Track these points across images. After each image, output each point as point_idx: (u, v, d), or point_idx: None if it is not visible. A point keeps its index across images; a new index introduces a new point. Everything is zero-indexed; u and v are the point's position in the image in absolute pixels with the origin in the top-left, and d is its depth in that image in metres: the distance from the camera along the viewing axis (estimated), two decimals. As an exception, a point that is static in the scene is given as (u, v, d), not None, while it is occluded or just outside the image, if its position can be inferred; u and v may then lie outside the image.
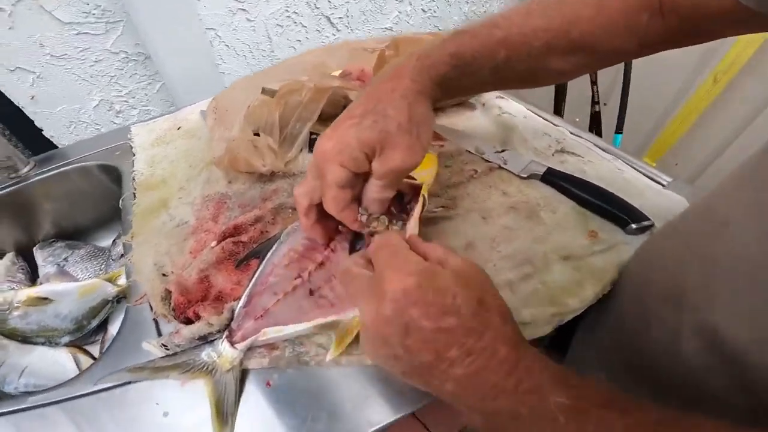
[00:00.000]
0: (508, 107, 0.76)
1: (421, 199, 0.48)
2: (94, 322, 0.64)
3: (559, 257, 0.53)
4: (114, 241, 0.78)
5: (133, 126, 0.84)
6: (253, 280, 0.48)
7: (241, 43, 1.03)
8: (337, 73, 0.74)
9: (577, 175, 0.62)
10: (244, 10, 0.98)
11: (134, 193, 0.67)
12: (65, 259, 0.77)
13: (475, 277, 0.33)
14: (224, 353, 0.43)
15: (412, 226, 0.45)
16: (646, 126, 1.21)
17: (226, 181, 0.64)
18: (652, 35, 0.43)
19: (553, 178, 0.62)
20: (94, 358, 0.64)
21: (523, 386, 0.28)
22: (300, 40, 1.05)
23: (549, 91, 1.10)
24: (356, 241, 0.49)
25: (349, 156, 0.37)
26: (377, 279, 0.32)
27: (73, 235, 0.85)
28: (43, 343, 0.63)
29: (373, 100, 0.40)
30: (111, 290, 0.65)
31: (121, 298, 0.66)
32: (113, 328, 0.66)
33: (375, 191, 0.40)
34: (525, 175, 0.63)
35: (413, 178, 0.52)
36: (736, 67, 0.97)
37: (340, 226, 0.51)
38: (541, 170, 0.63)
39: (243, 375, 0.44)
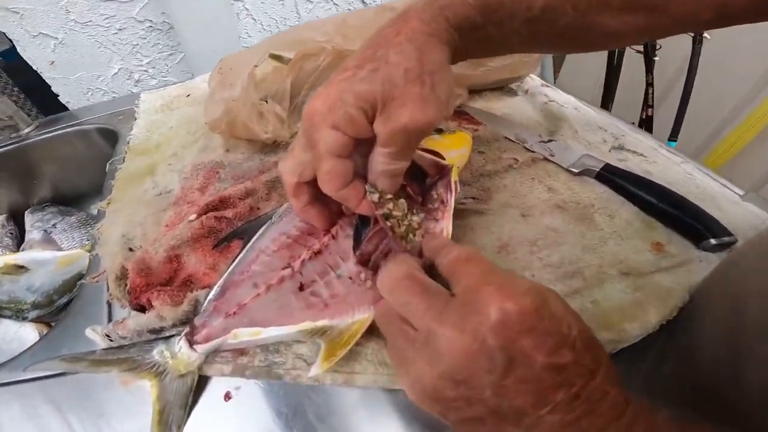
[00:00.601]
0: (556, 96, 0.64)
1: (453, 186, 0.37)
2: (63, 299, 0.56)
3: (618, 272, 0.41)
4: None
5: (144, 93, 0.76)
6: (232, 266, 0.37)
7: (268, 17, 0.94)
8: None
9: (635, 173, 0.48)
10: (274, -17, 0.89)
11: (123, 157, 0.57)
12: (53, 226, 0.69)
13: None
14: (180, 354, 0.33)
15: (448, 223, 0.36)
16: (701, 136, 1.05)
17: (224, 150, 0.54)
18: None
19: (612, 177, 0.49)
20: None
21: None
22: (330, 18, 0.95)
23: (596, 86, 0.96)
24: (362, 227, 0.37)
25: (343, 115, 0.28)
26: (470, 298, 0.24)
27: (70, 201, 0.78)
28: (9, 317, 0.56)
29: (372, 48, 0.31)
30: (85, 263, 0.55)
31: None
32: None
33: (382, 162, 0.30)
34: (576, 171, 0.50)
35: (441, 157, 0.40)
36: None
37: (344, 207, 0.39)
38: (597, 166, 0.50)
39: (199, 382, 0.34)
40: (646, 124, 0.89)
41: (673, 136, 0.90)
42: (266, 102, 0.55)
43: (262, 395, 0.33)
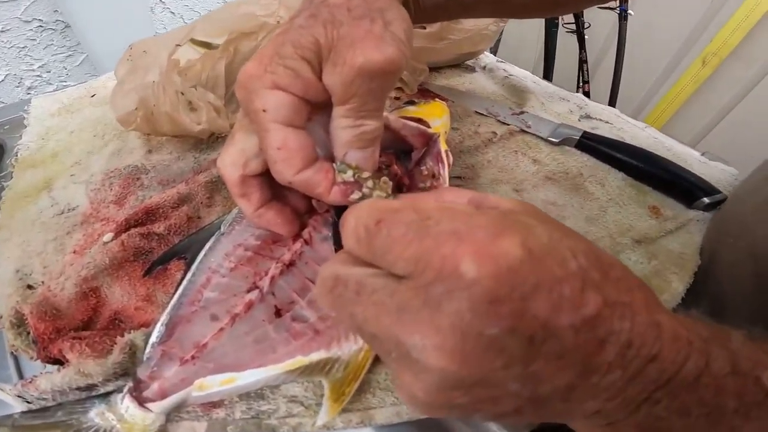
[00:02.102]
0: (513, 71, 0.57)
1: (445, 156, 0.28)
2: None
3: (631, 240, 0.35)
4: None
5: (36, 97, 0.58)
6: (176, 295, 0.26)
7: (190, 11, 0.81)
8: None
9: (617, 140, 0.44)
10: (196, -26, 0.76)
11: (11, 173, 0.41)
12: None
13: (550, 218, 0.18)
14: (129, 417, 0.23)
15: None
16: (629, 108, 1.07)
17: (145, 151, 0.41)
18: None
19: (593, 144, 0.43)
20: None
21: (717, 364, 0.15)
22: (262, 7, 0.83)
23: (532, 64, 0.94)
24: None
25: (283, 69, 0.22)
26: (426, 275, 0.14)
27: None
28: None
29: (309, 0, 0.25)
30: None
31: None
32: None
33: (346, 125, 0.23)
34: (556, 140, 0.44)
35: (426, 125, 0.31)
36: (726, 51, 0.84)
37: (314, 202, 0.29)
38: (576, 135, 0.44)
39: None
40: (583, 99, 0.87)
41: (612, 101, 0.89)
42: (195, 89, 0.43)
43: None
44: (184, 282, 0.27)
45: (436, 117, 0.34)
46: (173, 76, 0.39)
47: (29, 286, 0.30)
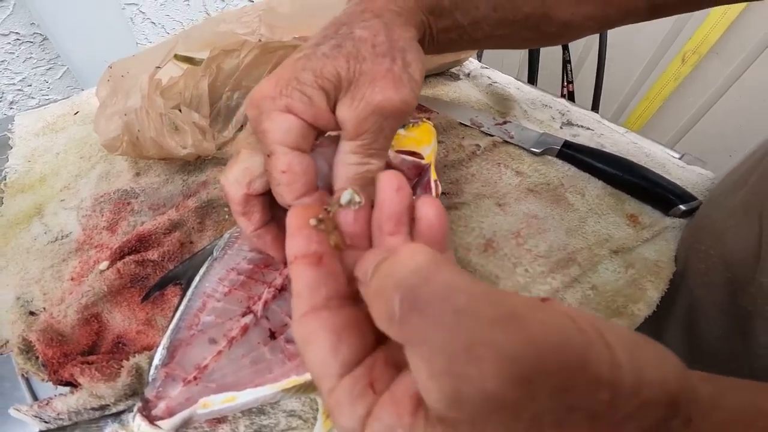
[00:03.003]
0: (496, 77, 0.60)
1: (434, 186, 0.30)
2: None
3: (608, 251, 0.37)
4: None
5: (19, 115, 0.59)
6: (175, 319, 0.28)
7: (171, 20, 0.81)
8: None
9: (596, 149, 0.46)
10: (175, -18, 0.76)
11: (1, 198, 0.43)
12: None
13: None
14: None
15: None
16: (613, 106, 1.10)
17: (133, 174, 0.43)
18: None
19: (573, 153, 0.46)
20: None
21: None
22: (244, 15, 0.84)
23: (515, 67, 0.96)
24: None
25: (299, 95, 0.22)
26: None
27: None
28: None
29: (333, 26, 0.26)
30: None
31: None
32: None
33: (352, 162, 0.24)
34: (538, 151, 0.47)
35: (420, 156, 0.33)
36: (705, 48, 0.87)
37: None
38: (558, 144, 0.47)
39: None
40: (568, 99, 0.89)
41: (595, 107, 0.91)
42: (179, 111, 0.44)
43: None
44: (182, 307, 0.29)
45: (426, 144, 0.36)
46: (156, 99, 0.41)
47: (31, 313, 0.32)
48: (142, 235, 0.34)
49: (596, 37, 0.85)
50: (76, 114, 0.58)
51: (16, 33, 0.76)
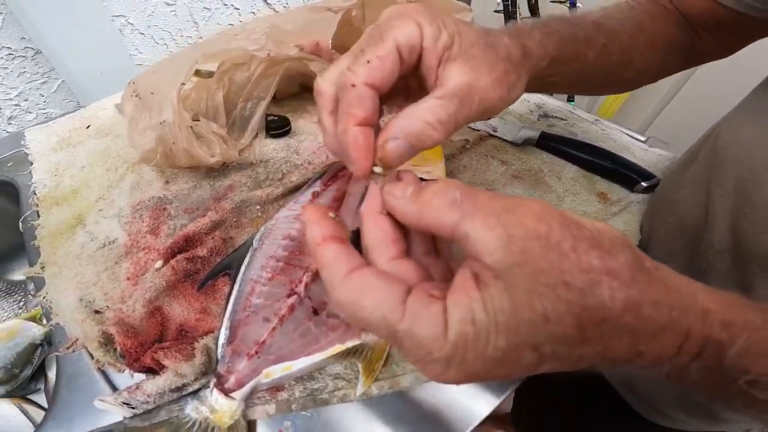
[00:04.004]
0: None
1: None
2: (28, 370, 0.48)
3: (583, 225, 0.44)
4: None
5: (28, 130, 0.63)
6: (230, 305, 0.34)
7: (159, 30, 0.84)
8: (290, 44, 0.59)
9: (569, 137, 0.54)
10: (161, -7, 0.80)
11: (37, 212, 0.47)
12: (-25, 301, 0.56)
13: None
14: (218, 406, 0.30)
15: None
16: (586, 97, 1.19)
17: (162, 182, 0.48)
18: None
19: (550, 143, 0.54)
20: (42, 408, 0.50)
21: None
22: (232, 24, 0.88)
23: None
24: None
25: (434, 22, 0.24)
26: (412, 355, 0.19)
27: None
28: None
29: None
30: (37, 332, 0.48)
31: (51, 339, 0.49)
32: (53, 374, 0.51)
33: (424, 116, 0.23)
34: (520, 142, 0.54)
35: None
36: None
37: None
38: (536, 135, 0.54)
39: (249, 427, 0.32)
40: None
41: (571, 98, 1.00)
42: (198, 121, 0.50)
43: (315, 423, 0.32)
44: (234, 293, 0.35)
45: (438, 161, 0.43)
46: (183, 113, 0.46)
47: (96, 311, 0.37)
48: (188, 236, 0.40)
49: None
50: (88, 128, 0.62)
51: (8, 48, 0.78)
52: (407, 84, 0.28)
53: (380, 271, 0.20)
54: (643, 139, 0.60)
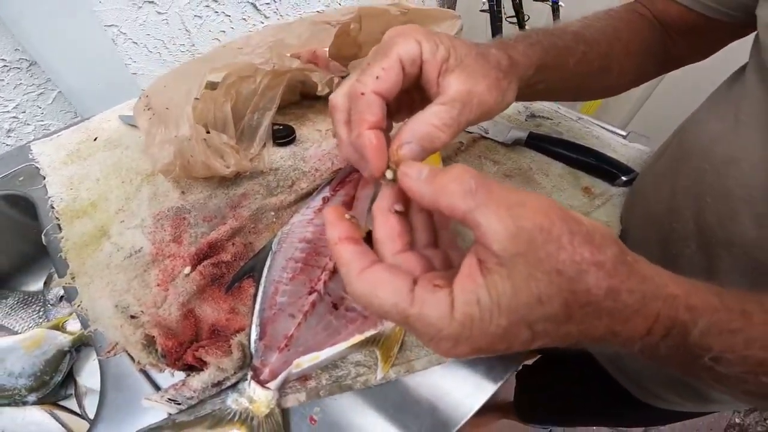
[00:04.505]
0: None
1: None
2: (58, 377, 0.52)
3: (570, 219, 0.50)
4: (45, 282, 0.63)
5: (33, 144, 0.66)
6: (257, 304, 0.38)
7: (152, 39, 0.87)
8: (287, 53, 0.63)
9: (555, 137, 0.59)
10: (151, 2, 0.83)
11: (58, 225, 0.51)
12: (-7, 312, 0.60)
13: None
14: (256, 397, 0.35)
15: None
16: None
17: (179, 192, 0.52)
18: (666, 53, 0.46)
19: (538, 142, 0.59)
20: (74, 413, 0.54)
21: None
22: (224, 31, 0.91)
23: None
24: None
25: (431, 39, 0.28)
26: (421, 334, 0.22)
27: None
28: (8, 404, 0.53)
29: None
30: (64, 340, 0.53)
31: (80, 346, 0.55)
32: (83, 380, 0.55)
33: (431, 120, 0.26)
34: (510, 142, 0.59)
35: None
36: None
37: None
38: (525, 136, 0.59)
39: (283, 415, 0.36)
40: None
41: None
42: (209, 133, 0.53)
43: (342, 407, 0.36)
44: (260, 293, 0.40)
45: (437, 164, 0.47)
46: (198, 127, 0.50)
47: (132, 316, 0.41)
48: (211, 243, 0.44)
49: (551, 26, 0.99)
50: (95, 140, 0.65)
51: (3, 59, 0.79)
52: (411, 99, 0.31)
53: (389, 266, 0.23)
54: (623, 134, 0.65)
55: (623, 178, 0.55)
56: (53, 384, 0.51)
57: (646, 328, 0.22)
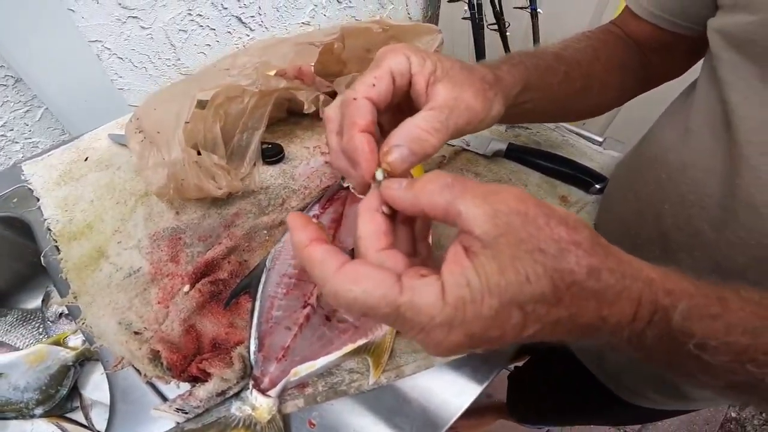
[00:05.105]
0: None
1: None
2: (63, 390, 0.56)
3: (547, 228, 0.54)
4: (43, 300, 0.67)
5: (24, 164, 0.69)
6: (255, 318, 0.42)
7: (137, 54, 0.89)
8: (272, 72, 0.66)
9: (533, 147, 0.64)
10: (135, 17, 0.85)
11: (56, 247, 0.54)
12: (-8, 329, 0.64)
13: None
14: (258, 404, 0.39)
15: None
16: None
17: (173, 213, 0.55)
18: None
19: (517, 154, 0.63)
20: (81, 425, 0.57)
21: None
22: (210, 45, 0.94)
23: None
24: None
25: (419, 54, 0.30)
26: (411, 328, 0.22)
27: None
28: (16, 417, 0.57)
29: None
30: (67, 355, 0.57)
31: (83, 360, 0.59)
32: (88, 393, 0.59)
33: (420, 123, 0.28)
34: (490, 154, 0.64)
35: None
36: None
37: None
38: (504, 147, 0.63)
39: (284, 420, 0.41)
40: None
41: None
42: (198, 153, 0.57)
43: (339, 411, 0.41)
44: (256, 308, 0.44)
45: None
46: (189, 150, 0.53)
47: (136, 332, 0.44)
48: (207, 262, 0.48)
49: (531, 33, 1.03)
50: (86, 160, 0.68)
51: (-12, 77, 0.82)
52: (402, 115, 0.31)
53: (369, 262, 0.24)
54: (600, 140, 0.70)
55: (597, 186, 0.60)
56: (59, 397, 0.55)
57: (631, 313, 0.23)
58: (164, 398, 0.42)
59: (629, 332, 0.23)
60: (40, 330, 0.65)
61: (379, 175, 0.27)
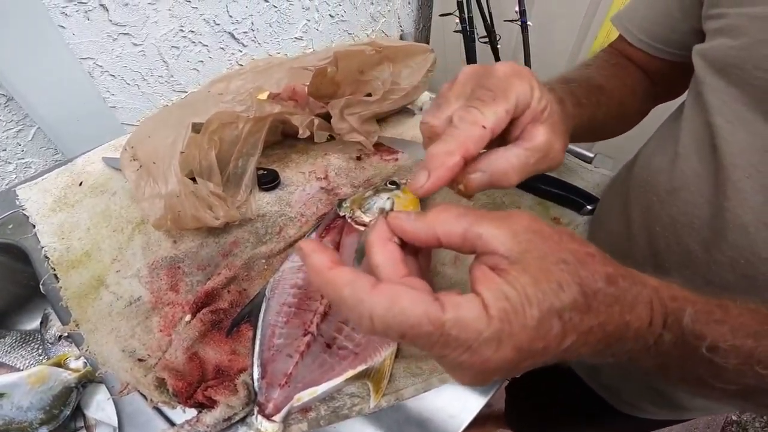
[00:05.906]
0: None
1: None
2: (67, 410, 0.59)
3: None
4: (41, 322, 0.71)
5: (19, 188, 0.71)
6: (257, 346, 0.46)
7: (130, 71, 0.92)
8: (265, 95, 0.69)
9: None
10: (127, 34, 0.87)
11: (55, 275, 0.56)
12: (-9, 351, 0.70)
13: None
14: (264, 429, 0.42)
15: None
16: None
17: (171, 242, 0.58)
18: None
19: (509, 175, 0.65)
20: None
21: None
22: (202, 61, 0.96)
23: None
24: None
25: (540, 88, 0.31)
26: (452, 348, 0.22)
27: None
28: None
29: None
30: (69, 377, 0.60)
31: (86, 382, 0.62)
32: (91, 413, 0.62)
33: (517, 160, 0.29)
34: (483, 176, 0.66)
35: None
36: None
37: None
38: (497, 168, 0.66)
39: None
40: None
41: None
42: (194, 180, 0.59)
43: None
44: (258, 336, 0.47)
45: (416, 208, 0.54)
46: (186, 181, 0.56)
47: (140, 360, 0.47)
48: (207, 292, 0.51)
49: (521, 45, 1.07)
50: (80, 185, 0.70)
51: (-21, 97, 0.83)
52: None
53: (401, 282, 0.23)
54: (590, 155, 0.73)
55: (588, 207, 0.64)
56: (63, 417, 0.59)
57: (647, 318, 0.25)
58: (171, 422, 0.45)
59: (650, 337, 0.25)
60: (40, 351, 0.68)
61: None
